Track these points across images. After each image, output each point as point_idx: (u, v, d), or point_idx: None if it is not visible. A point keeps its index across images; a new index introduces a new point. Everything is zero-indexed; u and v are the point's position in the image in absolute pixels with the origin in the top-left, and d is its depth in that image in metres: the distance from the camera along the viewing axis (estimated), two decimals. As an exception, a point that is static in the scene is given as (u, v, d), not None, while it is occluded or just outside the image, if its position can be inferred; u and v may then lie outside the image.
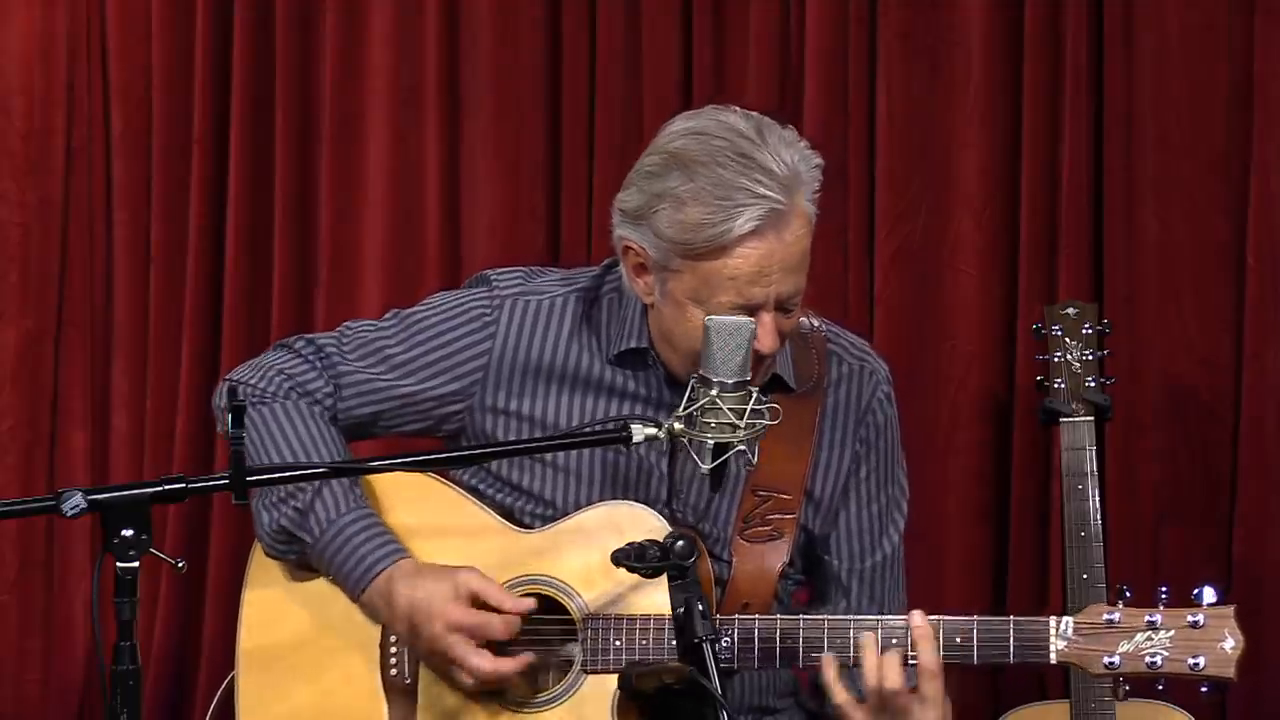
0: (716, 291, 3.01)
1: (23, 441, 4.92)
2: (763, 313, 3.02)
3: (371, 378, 3.21)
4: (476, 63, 4.77)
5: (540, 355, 3.20)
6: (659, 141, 3.07)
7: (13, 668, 4.91)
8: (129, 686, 2.63)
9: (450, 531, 3.17)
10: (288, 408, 3.18)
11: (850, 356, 3.27)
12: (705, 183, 2.98)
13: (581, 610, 3.09)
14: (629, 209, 3.06)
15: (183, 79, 4.89)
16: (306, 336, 3.27)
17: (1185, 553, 4.39)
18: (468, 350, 3.20)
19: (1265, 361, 4.34)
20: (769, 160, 3.00)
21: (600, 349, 3.20)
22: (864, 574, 3.26)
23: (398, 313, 3.26)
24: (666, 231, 3.00)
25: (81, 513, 2.65)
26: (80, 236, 4.94)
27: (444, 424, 3.23)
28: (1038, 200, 4.46)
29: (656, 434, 2.92)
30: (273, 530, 3.15)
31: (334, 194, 4.82)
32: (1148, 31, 4.41)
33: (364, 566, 3.10)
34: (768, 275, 3.01)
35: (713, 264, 3.00)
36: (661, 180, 3.01)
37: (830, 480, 3.24)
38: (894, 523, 3.29)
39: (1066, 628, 2.97)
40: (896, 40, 4.53)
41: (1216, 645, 2.93)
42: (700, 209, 2.98)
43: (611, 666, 3.06)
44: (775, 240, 2.99)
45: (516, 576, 3.13)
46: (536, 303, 3.21)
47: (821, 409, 3.21)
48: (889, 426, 3.28)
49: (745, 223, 2.97)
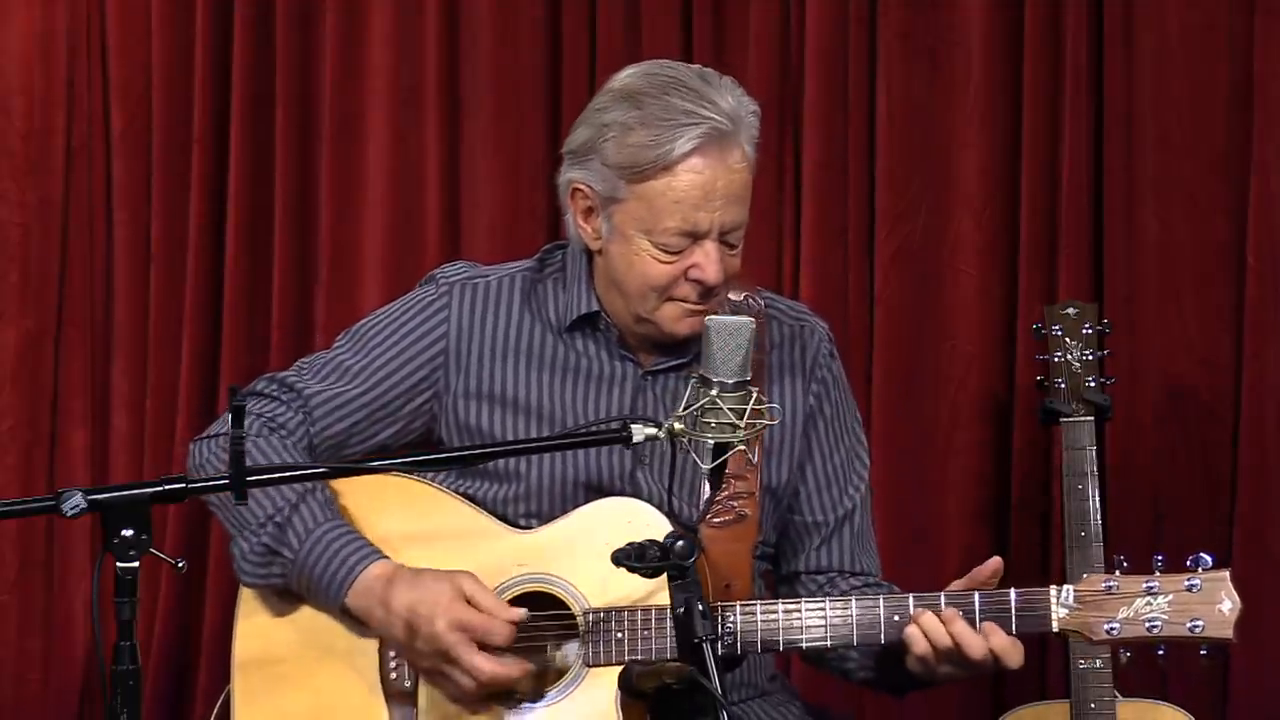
0: (662, 216, 3.09)
1: (23, 441, 4.91)
2: (707, 241, 3.11)
3: (337, 393, 3.24)
4: (476, 63, 4.77)
5: (495, 332, 3.25)
6: (605, 86, 3.19)
7: (13, 668, 4.91)
8: (129, 686, 2.63)
9: (447, 534, 3.18)
10: (260, 444, 3.20)
11: (788, 318, 3.34)
12: (652, 109, 3.09)
13: (582, 605, 3.09)
14: (577, 146, 3.17)
15: (183, 77, 4.89)
16: (268, 376, 3.31)
17: (1185, 552, 4.38)
18: (424, 339, 3.25)
19: (1265, 361, 4.34)
20: (713, 94, 3.11)
21: (551, 323, 3.25)
22: (835, 526, 3.32)
23: (347, 331, 3.33)
24: (613, 158, 3.11)
25: (81, 513, 2.65)
26: (80, 236, 4.94)
27: (415, 420, 3.26)
28: (1038, 200, 4.46)
29: (657, 434, 2.92)
30: (253, 554, 3.15)
31: (334, 194, 4.82)
32: (1148, 31, 4.41)
33: (346, 567, 3.10)
34: (712, 200, 3.09)
35: (658, 184, 3.09)
36: (609, 112, 3.13)
37: (786, 447, 3.28)
38: (857, 472, 3.36)
39: (1068, 596, 3.03)
40: (896, 40, 4.53)
41: (1214, 607, 2.99)
42: (646, 131, 3.09)
43: (614, 659, 3.07)
44: (718, 163, 3.09)
45: (516, 575, 3.13)
46: (485, 284, 3.28)
47: (766, 383, 3.25)
48: (838, 381, 3.35)
49: (689, 140, 3.07)
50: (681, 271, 3.13)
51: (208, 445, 3.26)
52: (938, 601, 3.05)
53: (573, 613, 3.10)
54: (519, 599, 3.12)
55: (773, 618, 3.06)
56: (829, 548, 3.33)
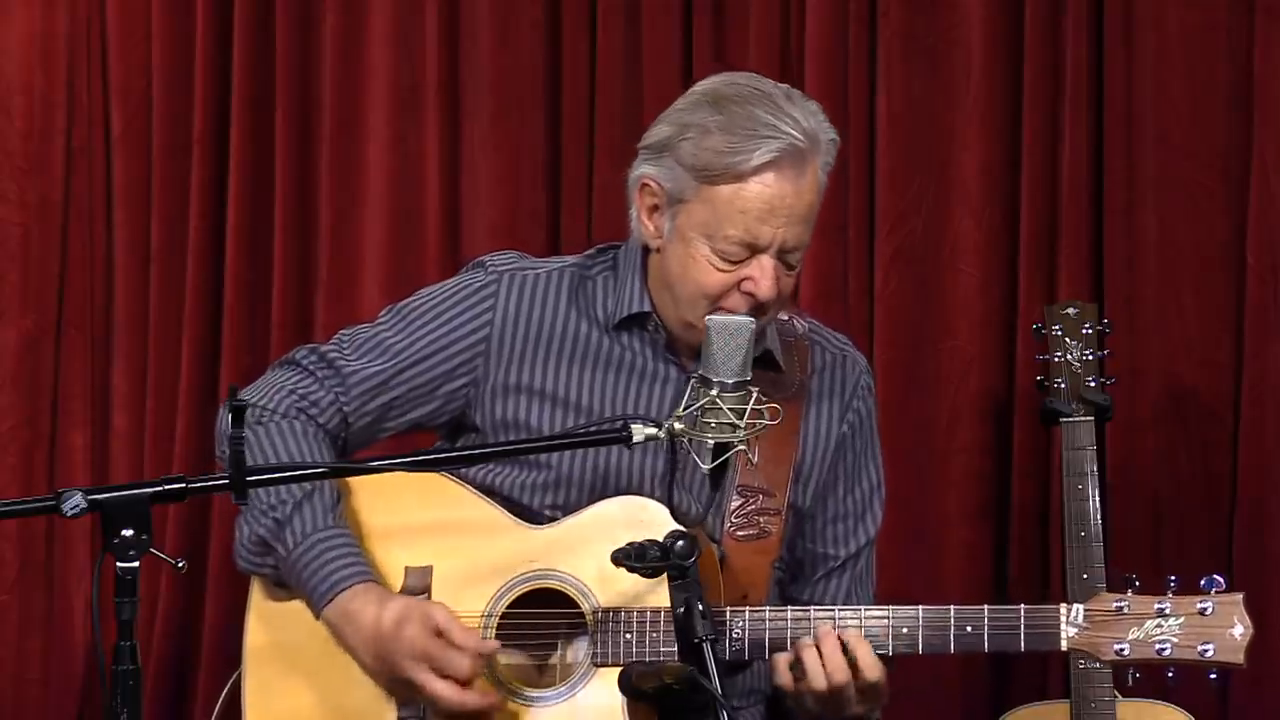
0: (725, 224, 3.07)
1: (23, 441, 4.91)
2: (765, 256, 3.09)
3: (377, 370, 3.22)
4: (476, 63, 4.77)
5: (541, 325, 3.22)
6: (692, 88, 3.18)
7: (13, 668, 4.90)
8: (129, 686, 2.62)
9: (459, 528, 3.17)
10: (282, 427, 3.19)
11: (832, 347, 3.34)
12: (735, 116, 3.08)
13: (592, 605, 3.09)
14: (653, 142, 3.15)
15: (183, 79, 4.88)
16: (309, 346, 3.28)
17: (1185, 553, 4.39)
18: (468, 325, 3.22)
19: (1265, 361, 4.35)
20: (796, 113, 3.10)
21: (599, 319, 3.23)
22: (839, 563, 3.30)
23: (392, 307, 3.29)
24: (688, 158, 3.09)
25: (81, 513, 2.65)
26: (80, 236, 4.94)
27: (450, 403, 3.23)
28: (1038, 200, 4.46)
29: (657, 434, 2.92)
30: (249, 542, 3.15)
31: (334, 194, 4.82)
32: (1148, 31, 4.42)
33: (329, 583, 3.10)
34: (777, 215, 3.07)
35: (728, 191, 3.07)
36: (692, 113, 3.12)
37: (816, 470, 3.27)
38: (872, 513, 3.34)
39: (1077, 615, 3.00)
40: (896, 40, 4.53)
41: (1225, 632, 2.95)
42: (726, 137, 3.07)
43: (623, 660, 3.07)
44: (790, 181, 3.07)
45: (527, 571, 3.13)
46: (534, 275, 3.25)
47: (806, 399, 3.25)
48: (870, 416, 3.34)
49: (765, 153, 3.06)
50: (735, 282, 3.10)
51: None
52: (946, 615, 3.03)
53: (582, 610, 3.10)
54: (528, 595, 3.12)
55: (781, 624, 3.06)
56: (827, 584, 3.31)
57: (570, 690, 3.10)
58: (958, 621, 3.02)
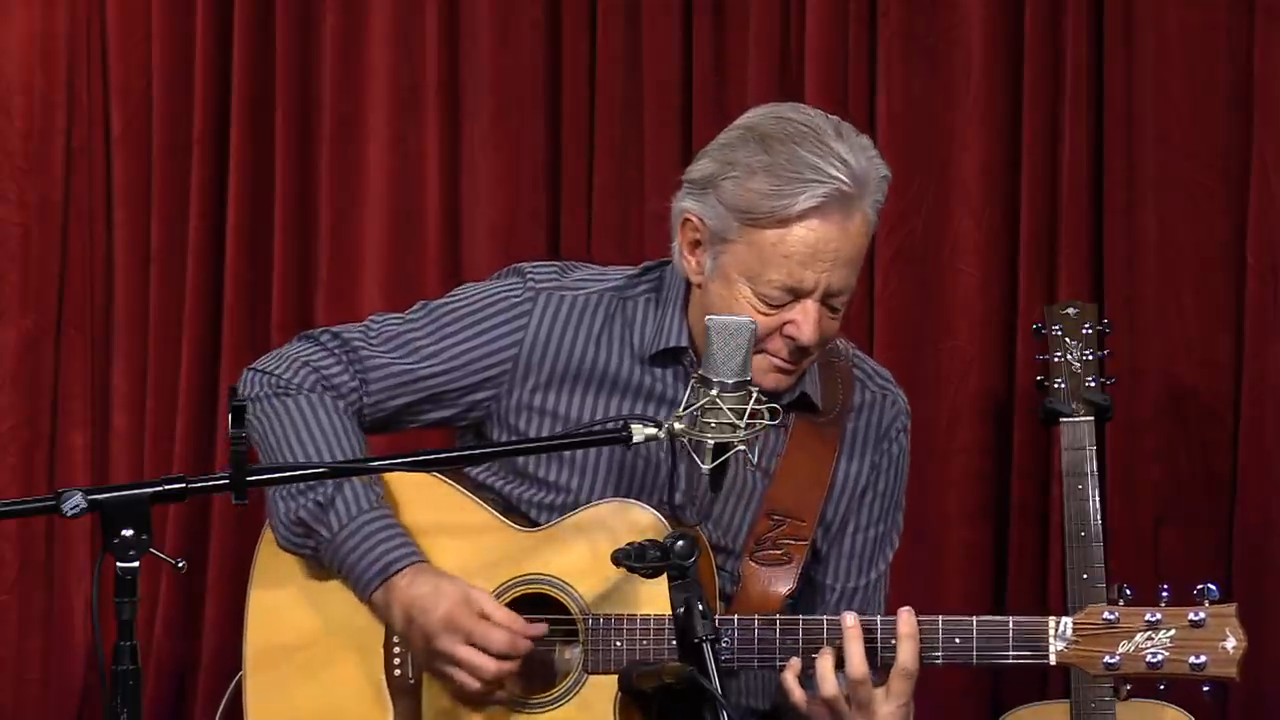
0: (769, 268, 3.02)
1: (23, 441, 4.91)
2: (809, 300, 3.04)
3: (402, 369, 3.19)
4: (476, 63, 4.77)
5: (571, 352, 3.18)
6: (737, 121, 3.10)
7: (13, 668, 4.91)
8: (129, 686, 2.62)
9: (448, 530, 3.16)
10: (312, 400, 3.16)
11: (874, 385, 3.28)
12: (780, 156, 3.00)
13: (582, 610, 3.09)
14: (697, 177, 3.08)
15: (183, 79, 4.89)
16: (332, 330, 3.25)
17: (1185, 553, 4.39)
18: (500, 340, 3.18)
19: (1265, 361, 4.34)
20: (845, 152, 3.02)
21: (633, 349, 3.19)
22: (850, 594, 3.27)
23: (425, 304, 3.25)
24: (730, 198, 3.02)
25: (81, 513, 2.65)
26: (80, 236, 4.94)
27: (470, 412, 3.21)
28: (1038, 200, 4.46)
29: (657, 434, 2.91)
30: (289, 520, 3.13)
31: (334, 194, 4.82)
32: (1148, 31, 4.41)
33: (380, 565, 3.09)
34: (822, 260, 3.02)
35: (771, 235, 3.01)
36: (736, 150, 3.04)
37: (843, 504, 3.24)
38: (884, 553, 3.30)
39: (1065, 628, 2.96)
40: (896, 40, 4.53)
41: (1218, 644, 2.91)
42: (770, 179, 3.00)
43: (613, 667, 3.06)
44: (837, 225, 3.01)
45: (516, 576, 3.13)
46: (571, 298, 3.20)
47: (842, 436, 3.22)
48: (902, 457, 3.29)
49: (810, 198, 2.99)
50: (778, 326, 3.05)
51: (260, 379, 3.21)
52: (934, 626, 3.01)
53: (573, 617, 3.10)
54: (518, 601, 3.12)
55: (770, 633, 3.05)
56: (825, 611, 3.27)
57: (562, 697, 3.09)
58: (946, 633, 3.00)
